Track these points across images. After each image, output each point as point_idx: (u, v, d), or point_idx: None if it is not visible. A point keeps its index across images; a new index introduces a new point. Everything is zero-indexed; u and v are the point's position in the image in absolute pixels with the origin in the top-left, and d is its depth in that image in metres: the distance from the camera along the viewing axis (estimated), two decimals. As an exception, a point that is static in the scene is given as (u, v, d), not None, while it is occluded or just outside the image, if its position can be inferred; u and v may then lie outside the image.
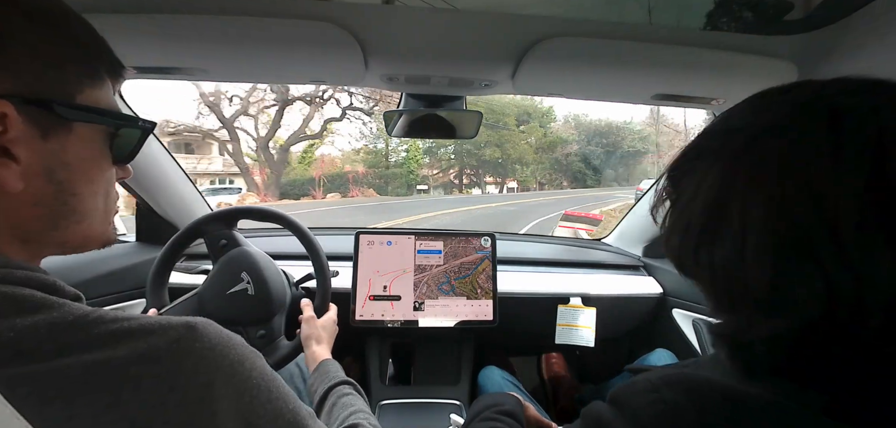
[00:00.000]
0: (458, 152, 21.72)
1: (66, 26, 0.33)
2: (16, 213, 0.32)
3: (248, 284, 0.88)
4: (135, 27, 0.61)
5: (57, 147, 0.32)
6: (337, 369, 0.73)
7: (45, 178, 0.32)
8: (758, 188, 0.30)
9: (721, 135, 0.35)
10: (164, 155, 1.15)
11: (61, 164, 0.33)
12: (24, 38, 0.30)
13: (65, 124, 0.33)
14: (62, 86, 0.32)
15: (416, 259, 1.16)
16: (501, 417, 0.64)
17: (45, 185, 0.32)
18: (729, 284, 0.32)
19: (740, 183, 0.31)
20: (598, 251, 1.54)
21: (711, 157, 0.34)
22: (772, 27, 0.64)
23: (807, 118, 0.29)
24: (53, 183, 0.33)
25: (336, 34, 0.65)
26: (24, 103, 0.30)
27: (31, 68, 0.31)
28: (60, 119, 0.32)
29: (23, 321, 0.27)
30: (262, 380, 0.34)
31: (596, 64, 0.73)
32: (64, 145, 0.33)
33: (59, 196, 0.33)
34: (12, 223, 0.32)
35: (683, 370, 0.35)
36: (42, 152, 0.32)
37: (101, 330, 0.29)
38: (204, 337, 0.32)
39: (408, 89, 0.91)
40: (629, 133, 24.40)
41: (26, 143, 0.30)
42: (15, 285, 0.29)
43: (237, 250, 0.91)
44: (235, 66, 0.78)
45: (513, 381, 1.12)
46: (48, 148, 0.32)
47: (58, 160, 0.33)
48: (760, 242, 0.29)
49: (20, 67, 0.30)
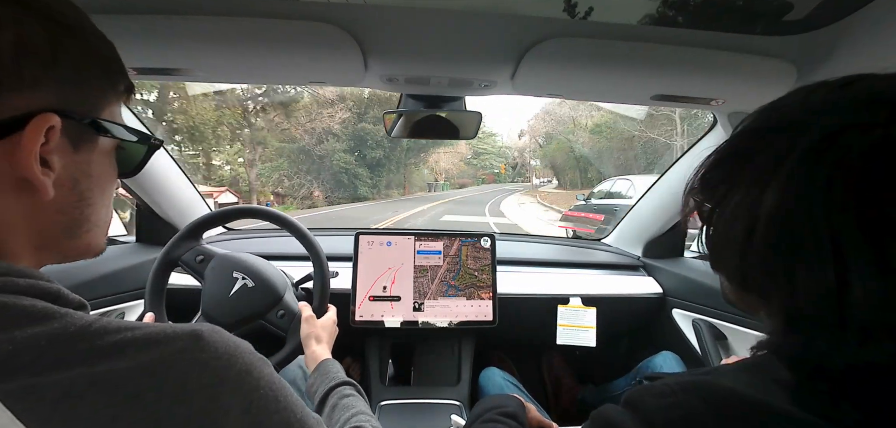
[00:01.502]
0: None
1: (95, 43, 0.34)
2: (41, 219, 0.33)
3: (244, 279, 0.89)
4: (134, 28, 0.61)
5: (84, 159, 0.34)
6: (337, 369, 0.72)
7: (70, 188, 0.34)
8: (847, 195, 0.26)
9: (772, 134, 0.32)
10: (162, 156, 1.15)
11: (85, 175, 0.35)
12: (68, 54, 0.31)
13: (93, 138, 0.34)
14: (94, 101, 0.34)
15: (416, 259, 1.16)
16: (503, 418, 0.64)
17: (70, 194, 0.34)
18: (821, 305, 0.28)
19: (819, 190, 0.27)
20: (597, 251, 1.55)
21: (768, 161, 0.31)
22: (772, 27, 0.64)
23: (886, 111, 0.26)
24: (76, 193, 0.34)
25: (336, 35, 0.65)
26: (65, 117, 0.31)
27: (73, 83, 0.32)
28: (91, 133, 0.34)
29: (22, 333, 0.26)
30: (269, 389, 0.34)
31: (595, 64, 0.73)
32: (89, 158, 0.35)
33: (79, 205, 0.35)
34: (35, 229, 0.33)
35: (703, 377, 0.34)
36: (72, 163, 0.33)
37: (105, 341, 0.28)
38: (210, 346, 0.31)
39: (407, 90, 0.91)
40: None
41: (61, 154, 0.32)
42: (16, 295, 0.28)
43: (216, 259, 0.92)
44: (235, 68, 0.78)
45: (513, 381, 1.12)
46: (77, 159, 0.34)
47: (83, 172, 0.34)
48: (863, 259, 0.26)
49: (65, 82, 0.32)
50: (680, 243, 1.41)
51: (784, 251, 0.29)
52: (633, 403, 0.34)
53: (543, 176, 36.61)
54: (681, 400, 0.31)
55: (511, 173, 45.25)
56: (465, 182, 42.95)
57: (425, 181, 33.61)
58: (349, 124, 20.68)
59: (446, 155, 34.05)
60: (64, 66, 0.31)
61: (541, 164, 35.88)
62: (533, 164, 37.53)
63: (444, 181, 37.70)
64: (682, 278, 1.26)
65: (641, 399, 0.34)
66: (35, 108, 0.30)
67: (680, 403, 0.31)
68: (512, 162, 45.10)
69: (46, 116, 0.30)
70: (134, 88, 0.39)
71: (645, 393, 0.34)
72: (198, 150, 15.79)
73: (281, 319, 0.88)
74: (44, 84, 0.30)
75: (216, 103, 15.60)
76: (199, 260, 0.91)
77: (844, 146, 0.27)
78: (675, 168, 1.25)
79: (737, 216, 0.32)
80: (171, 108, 14.38)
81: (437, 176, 36.84)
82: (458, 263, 1.17)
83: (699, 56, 0.70)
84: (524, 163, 42.09)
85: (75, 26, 0.32)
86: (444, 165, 37.41)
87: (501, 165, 44.62)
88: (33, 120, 0.29)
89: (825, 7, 0.59)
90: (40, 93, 0.30)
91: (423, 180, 33.09)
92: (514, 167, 45.14)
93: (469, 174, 44.49)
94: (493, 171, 44.91)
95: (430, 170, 35.14)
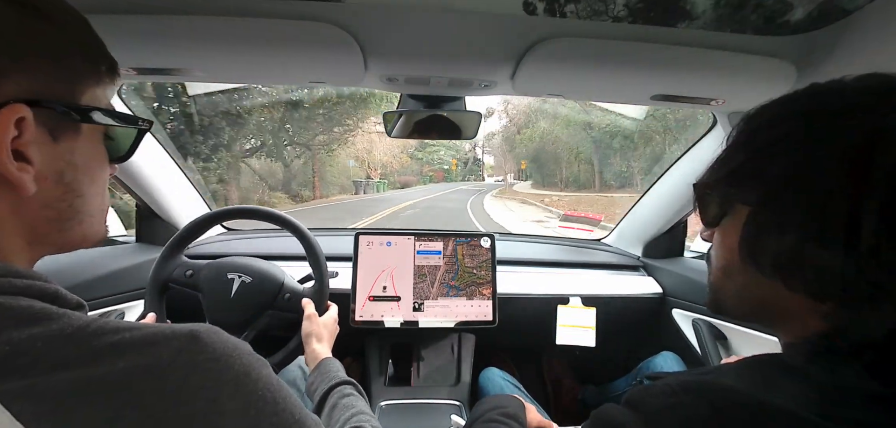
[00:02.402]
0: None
1: (71, 27, 0.33)
2: (27, 215, 0.32)
3: (241, 277, 0.89)
4: (135, 28, 0.61)
5: (66, 149, 0.33)
6: (338, 368, 0.72)
7: (54, 181, 0.32)
8: (867, 167, 0.28)
9: (790, 120, 0.34)
10: (162, 154, 1.15)
11: (70, 165, 0.33)
12: (36, 41, 0.30)
13: (73, 126, 0.33)
14: (71, 88, 0.32)
15: (416, 260, 1.16)
16: (504, 419, 0.64)
17: (55, 187, 0.33)
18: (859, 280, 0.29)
19: (843, 168, 0.29)
20: (597, 251, 1.55)
21: (789, 147, 0.32)
22: (771, 27, 0.64)
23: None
24: (62, 185, 0.33)
25: (336, 35, 0.65)
26: (37, 106, 0.30)
27: (44, 71, 0.31)
28: (70, 121, 0.32)
29: (19, 334, 0.26)
30: (267, 391, 0.33)
31: (595, 64, 0.73)
32: (72, 147, 0.33)
33: (66, 197, 0.34)
34: (23, 226, 0.32)
35: (705, 377, 0.34)
36: (53, 155, 0.32)
37: (102, 342, 0.28)
38: (208, 347, 0.30)
39: (407, 90, 0.91)
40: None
41: (39, 146, 0.31)
42: (14, 295, 0.28)
43: (206, 268, 0.92)
44: (235, 67, 0.78)
45: (513, 381, 1.12)
46: (58, 150, 0.32)
47: (66, 162, 0.33)
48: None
49: (34, 70, 0.30)
50: (680, 243, 1.41)
51: (813, 237, 0.30)
52: (634, 402, 0.34)
53: (497, 173, 32.92)
54: (682, 400, 0.31)
55: (463, 170, 40.45)
56: (409, 180, 34.81)
57: (350, 178, 22.74)
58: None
59: (383, 141, 22.21)
60: (34, 53, 0.30)
61: (495, 161, 31.69)
62: (486, 160, 33.30)
63: (379, 179, 27.42)
64: (682, 278, 1.26)
65: (643, 399, 0.34)
66: (0, 100, 0.28)
67: (681, 402, 0.31)
68: (463, 157, 40.14)
69: (14, 107, 0.28)
70: (117, 67, 0.37)
71: (646, 393, 0.34)
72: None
73: (288, 302, 0.89)
74: (11, 73, 0.29)
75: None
76: (190, 275, 0.91)
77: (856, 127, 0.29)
78: (675, 168, 1.25)
79: (771, 209, 0.33)
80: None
81: (370, 171, 26.01)
82: (458, 263, 1.17)
83: (699, 56, 0.70)
84: (477, 158, 37.36)
85: (44, 8, 0.31)
86: (379, 157, 24.84)
87: (452, 161, 39.21)
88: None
89: (825, 7, 0.59)
90: (7, 83, 0.29)
91: (347, 176, 22.30)
92: (465, 163, 40.36)
93: (413, 170, 36.52)
94: (442, 167, 39.31)
95: (360, 162, 23.94)
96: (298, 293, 0.90)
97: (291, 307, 0.89)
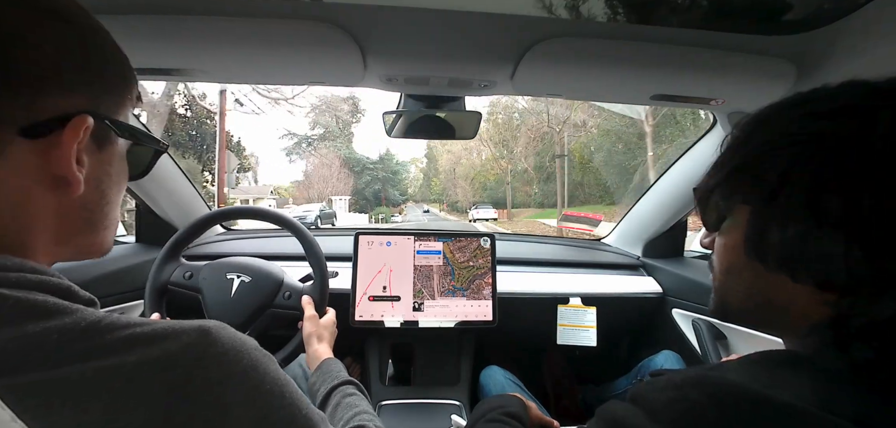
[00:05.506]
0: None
1: (114, 49, 0.36)
2: (68, 214, 0.34)
3: (240, 276, 0.89)
4: (135, 28, 0.61)
5: (106, 159, 0.37)
6: (340, 368, 0.72)
7: (94, 186, 0.36)
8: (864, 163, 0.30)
9: (789, 121, 0.35)
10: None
11: (107, 174, 0.37)
12: (96, 59, 0.34)
13: (114, 139, 0.37)
14: (115, 104, 0.36)
15: (416, 259, 1.16)
16: (506, 418, 0.64)
17: (93, 192, 0.36)
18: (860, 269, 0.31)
19: (845, 166, 0.31)
20: (597, 251, 1.55)
21: (788, 147, 0.34)
22: (771, 27, 0.64)
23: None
24: (99, 191, 0.36)
25: (335, 35, 0.65)
26: (95, 118, 0.33)
27: (101, 85, 0.35)
28: (112, 134, 0.36)
29: (35, 327, 0.27)
30: (274, 385, 0.34)
31: (595, 64, 0.73)
32: (110, 158, 0.37)
33: (100, 203, 0.37)
34: (58, 224, 0.34)
35: (709, 372, 0.34)
36: (96, 163, 0.35)
37: (114, 336, 0.29)
38: (217, 342, 0.31)
39: (407, 90, 0.91)
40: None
41: (89, 153, 0.34)
42: (28, 290, 0.29)
43: (205, 269, 0.92)
44: (235, 67, 0.78)
45: (515, 380, 1.12)
46: (101, 159, 0.36)
47: (105, 171, 0.37)
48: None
49: (94, 83, 0.34)
50: (680, 243, 1.41)
51: (813, 231, 0.31)
52: (637, 398, 0.34)
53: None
54: (686, 394, 0.31)
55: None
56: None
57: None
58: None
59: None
60: (93, 71, 0.34)
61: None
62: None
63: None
64: (682, 278, 1.26)
65: (646, 394, 0.34)
66: (72, 110, 0.32)
67: (685, 396, 0.31)
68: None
69: (84, 118, 0.32)
70: (141, 94, 0.41)
71: (649, 388, 0.34)
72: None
73: (289, 300, 0.89)
74: (79, 87, 0.33)
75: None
76: (189, 276, 0.91)
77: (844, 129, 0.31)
78: (675, 168, 1.25)
79: (775, 207, 0.34)
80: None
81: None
82: (458, 263, 1.17)
83: (699, 56, 0.70)
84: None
85: (100, 37, 0.35)
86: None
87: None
88: (72, 120, 0.32)
89: (825, 7, 0.59)
90: (76, 95, 0.33)
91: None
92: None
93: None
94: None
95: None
96: (298, 291, 0.90)
97: (292, 305, 0.89)
